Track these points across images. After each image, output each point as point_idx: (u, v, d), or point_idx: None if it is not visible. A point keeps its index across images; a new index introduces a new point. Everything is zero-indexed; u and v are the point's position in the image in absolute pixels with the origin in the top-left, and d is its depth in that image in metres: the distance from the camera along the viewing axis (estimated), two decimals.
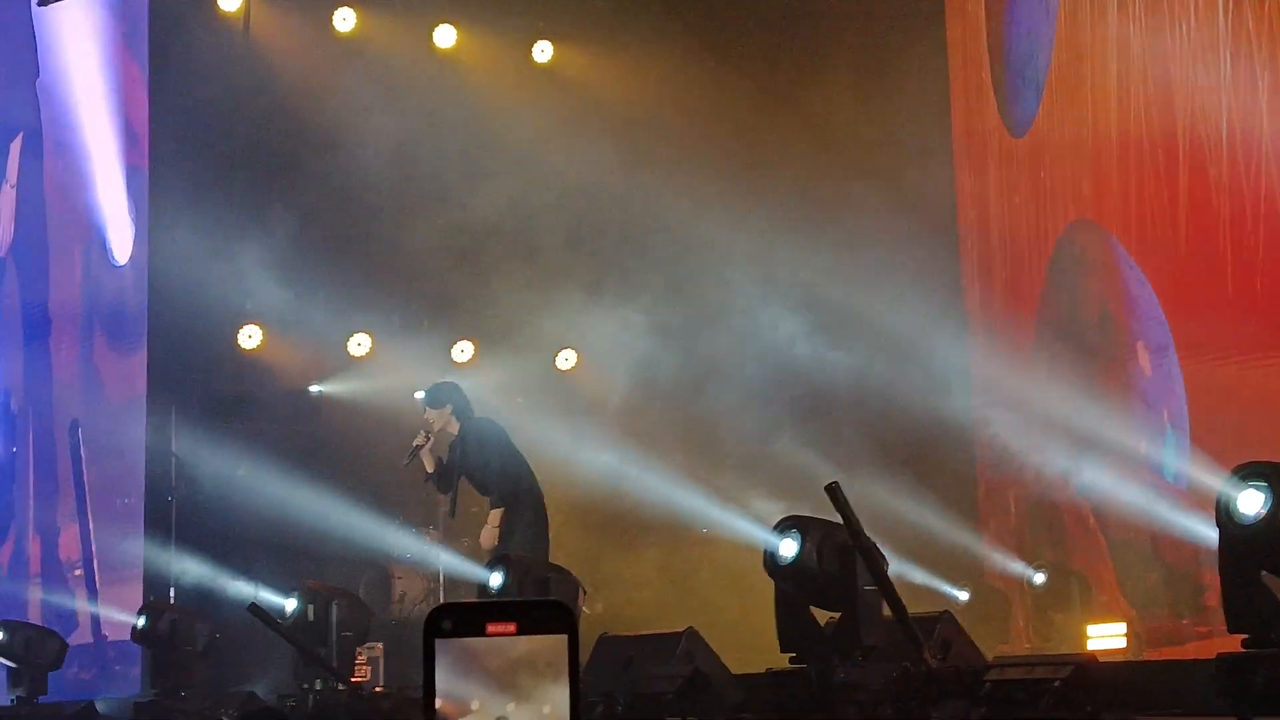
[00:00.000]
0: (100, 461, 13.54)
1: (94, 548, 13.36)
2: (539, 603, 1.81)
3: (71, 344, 14.01)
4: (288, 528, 12.04)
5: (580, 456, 11.85)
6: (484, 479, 10.45)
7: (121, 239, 13.43)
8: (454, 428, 10.49)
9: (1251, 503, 6.05)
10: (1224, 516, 6.15)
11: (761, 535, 7.95)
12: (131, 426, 12.82)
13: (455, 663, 1.80)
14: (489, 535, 10.51)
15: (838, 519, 7.25)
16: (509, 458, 10.46)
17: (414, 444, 10.64)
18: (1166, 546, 10.69)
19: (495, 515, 10.53)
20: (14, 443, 14.37)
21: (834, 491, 7.12)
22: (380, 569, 12.88)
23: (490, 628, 1.82)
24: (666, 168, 12.52)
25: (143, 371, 12.84)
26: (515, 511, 10.42)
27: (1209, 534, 6.37)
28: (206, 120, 12.73)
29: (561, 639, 1.84)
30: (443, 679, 1.80)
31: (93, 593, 13.29)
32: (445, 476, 10.61)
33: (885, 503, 10.82)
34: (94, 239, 13.70)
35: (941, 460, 12.29)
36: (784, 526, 7.68)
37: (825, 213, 12.07)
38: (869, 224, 11.96)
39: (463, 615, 1.82)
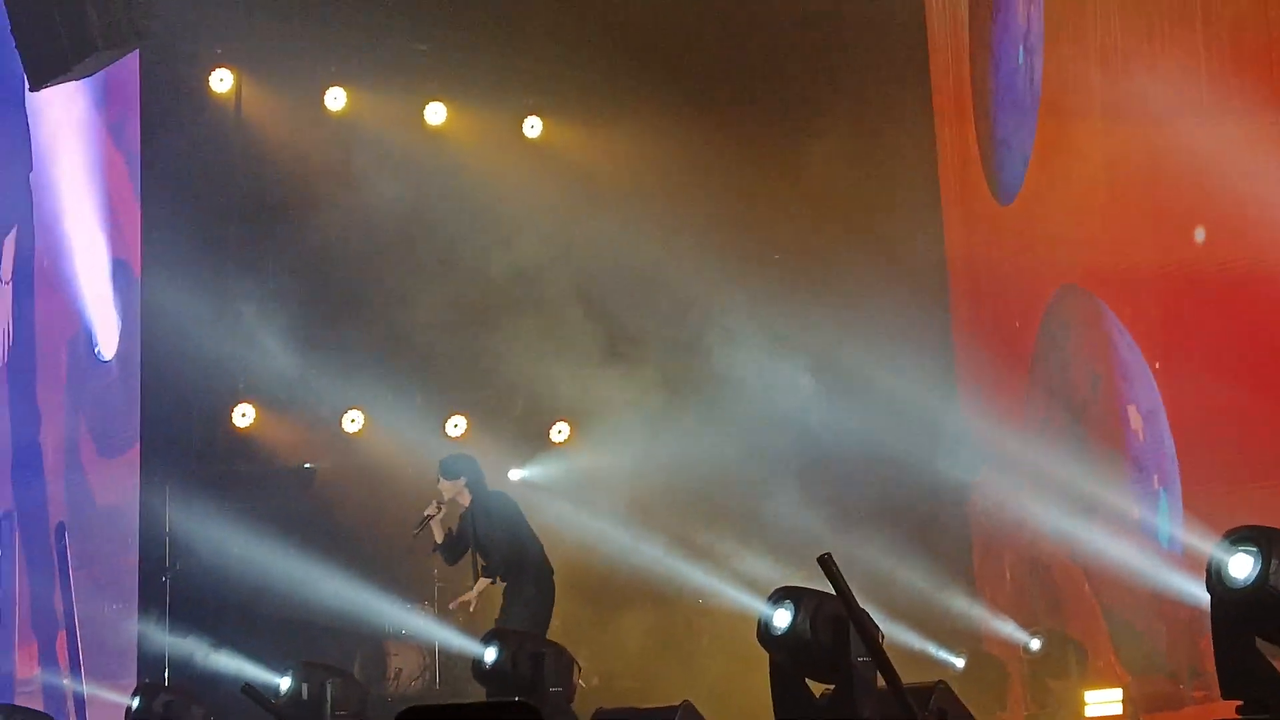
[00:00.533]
0: (89, 566, 13.47)
1: (81, 658, 13.25)
2: (505, 704, 1.82)
3: (58, 443, 13.96)
4: (283, 605, 12.02)
5: (574, 526, 11.85)
6: (490, 551, 10.44)
7: (108, 333, 13.45)
8: (466, 499, 10.52)
9: (1241, 567, 6.06)
10: (1215, 581, 6.16)
11: (757, 605, 7.95)
12: (123, 529, 12.78)
13: None
14: (464, 603, 10.58)
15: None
16: (518, 531, 10.46)
17: (425, 514, 10.66)
18: (1161, 611, 10.69)
19: (480, 584, 10.54)
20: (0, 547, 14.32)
21: (826, 564, 7.12)
22: (375, 645, 12.84)
23: None
24: (661, 236, 12.60)
25: (133, 473, 12.79)
26: (518, 585, 10.41)
27: (1203, 598, 6.38)
28: (198, 202, 12.79)
29: None
30: None
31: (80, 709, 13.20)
32: (454, 548, 10.62)
33: (880, 565, 10.83)
34: (80, 334, 13.70)
35: (937, 523, 12.31)
36: (777, 597, 7.68)
37: (820, 275, 12.16)
38: (863, 286, 12.05)
39: (431, 717, 1.82)
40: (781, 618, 7.53)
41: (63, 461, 13.95)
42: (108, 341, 13.47)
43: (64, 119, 13.80)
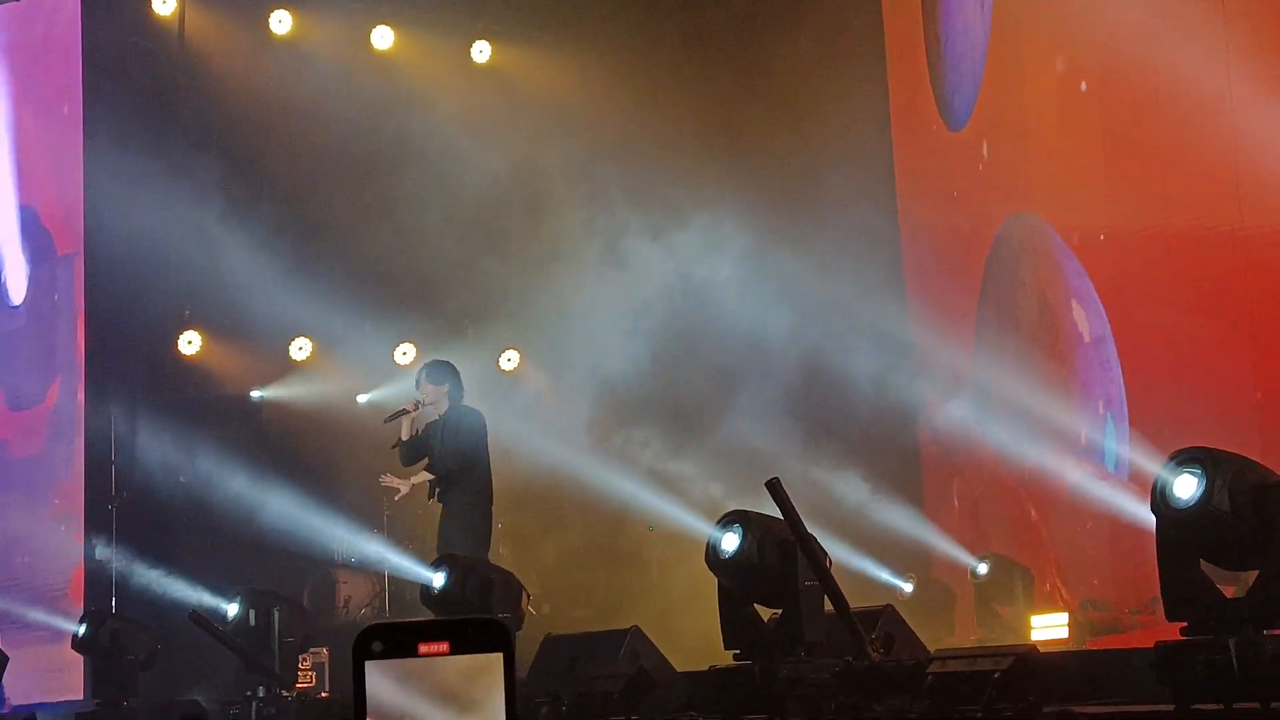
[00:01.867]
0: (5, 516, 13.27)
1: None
2: (473, 621, 1.80)
3: None
4: (230, 533, 11.98)
5: (524, 450, 11.83)
6: (445, 463, 10.35)
7: (16, 279, 13.26)
8: (442, 408, 10.44)
9: (1186, 488, 6.08)
10: (1160, 503, 6.19)
11: (705, 529, 7.96)
12: (37, 486, 12.64)
13: (387, 684, 1.78)
14: (392, 487, 10.58)
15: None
16: (479, 453, 10.42)
17: (402, 406, 10.58)
18: (1107, 535, 10.78)
19: (417, 480, 10.49)
20: None
21: (774, 488, 7.14)
22: (325, 573, 12.83)
23: (423, 648, 1.81)
24: (612, 155, 12.55)
25: (45, 425, 12.66)
26: (460, 506, 10.37)
27: (1150, 521, 6.41)
28: (142, 129, 12.61)
29: (497, 657, 1.82)
30: (374, 701, 1.78)
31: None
32: (415, 449, 10.53)
33: (828, 488, 10.88)
34: None
35: (885, 444, 12.37)
36: (726, 521, 7.70)
37: (773, 193, 12.15)
38: (814, 207, 12.04)
39: (394, 636, 1.80)
40: (729, 541, 7.55)
41: None
42: (16, 288, 13.30)
43: None
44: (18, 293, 13.28)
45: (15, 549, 13.23)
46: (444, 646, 1.82)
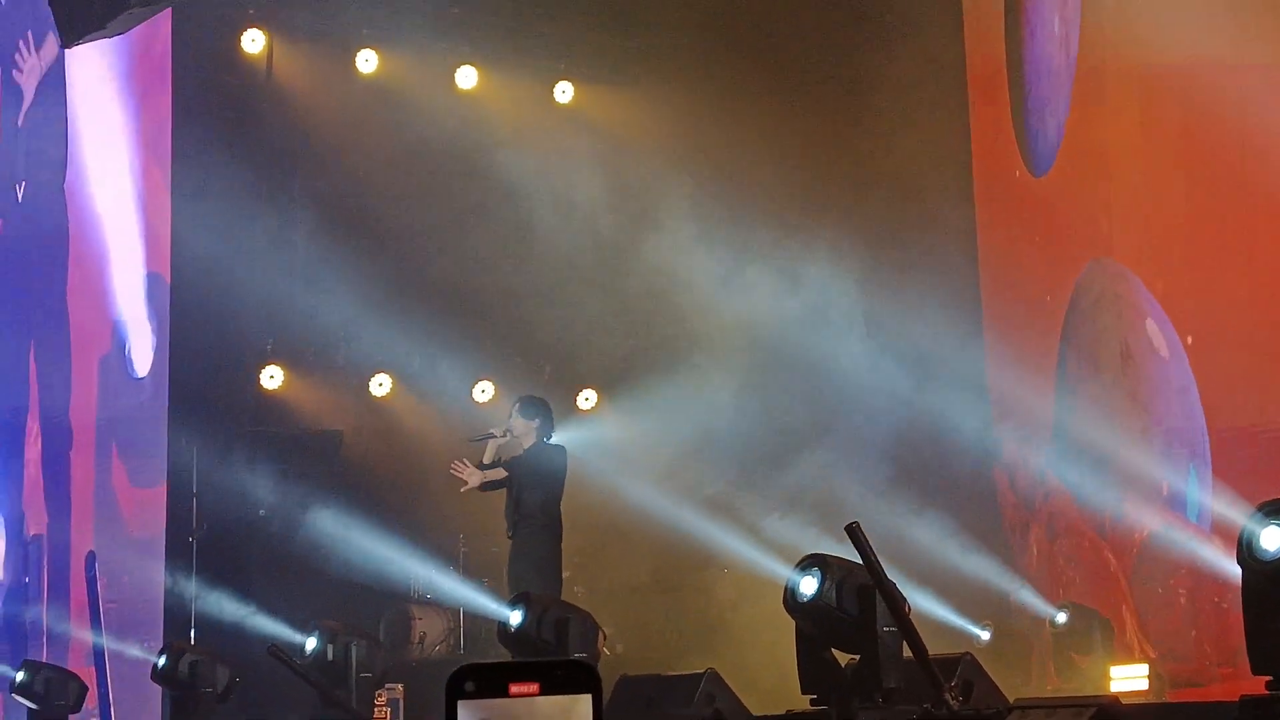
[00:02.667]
0: (118, 597, 13.33)
1: (110, 686, 13.14)
2: (563, 663, 1.81)
3: (87, 464, 13.80)
4: (308, 567, 12.06)
5: (597, 488, 11.85)
6: (525, 500, 10.41)
7: (142, 350, 13.28)
8: (529, 442, 10.53)
9: (1273, 540, 6.02)
10: (1246, 554, 6.12)
11: (783, 571, 7.93)
12: (151, 564, 12.66)
13: None
14: (462, 476, 10.59)
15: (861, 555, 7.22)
16: (557, 492, 10.49)
17: (490, 430, 10.67)
18: (1189, 586, 10.65)
19: (487, 475, 10.51)
20: (27, 571, 14.08)
21: (854, 532, 7.10)
22: (401, 608, 12.88)
23: (513, 688, 1.82)
24: (692, 201, 12.59)
25: (163, 507, 12.68)
26: (532, 542, 10.41)
27: (1233, 572, 6.34)
28: (229, 165, 12.73)
29: (586, 699, 1.83)
30: None
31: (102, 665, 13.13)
32: (494, 479, 10.60)
33: (907, 532, 10.82)
34: (114, 350, 13.54)
35: (964, 490, 12.30)
36: (805, 564, 7.66)
37: (854, 240, 12.14)
38: (896, 252, 12.04)
39: (485, 676, 1.81)
40: (808, 585, 7.51)
41: (93, 479, 13.80)
42: (141, 359, 13.31)
43: (97, 122, 13.63)
44: (143, 364, 13.25)
45: (99, 576, 13.41)
46: (534, 687, 1.83)
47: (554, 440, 10.73)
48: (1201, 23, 10.68)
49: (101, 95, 13.68)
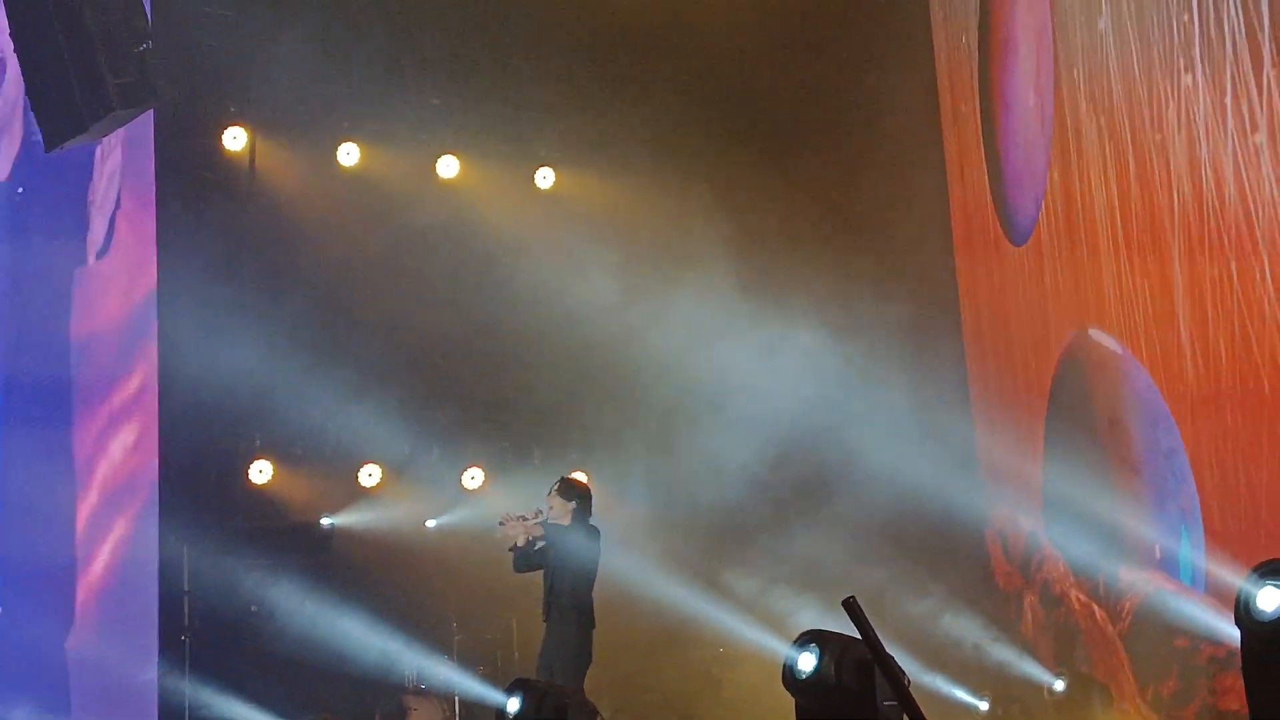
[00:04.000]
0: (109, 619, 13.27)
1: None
2: None
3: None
4: (302, 659, 12.01)
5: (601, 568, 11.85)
6: (560, 584, 10.32)
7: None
8: (565, 522, 10.42)
9: (1270, 600, 6.03)
10: (1244, 615, 6.13)
11: (780, 648, 7.92)
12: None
13: None
14: (511, 521, 10.40)
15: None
16: (591, 576, 10.39)
17: (521, 514, 10.50)
18: (1186, 649, 10.65)
19: (530, 530, 10.36)
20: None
21: (851, 606, 7.10)
22: (395, 699, 12.81)
23: None
24: (673, 279, 12.67)
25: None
26: (566, 630, 10.31)
27: (1230, 634, 6.35)
28: (213, 260, 12.80)
29: None
30: None
31: None
32: (529, 559, 10.51)
33: (899, 603, 10.82)
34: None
35: (956, 557, 12.31)
36: (802, 641, 7.65)
37: (836, 309, 12.22)
38: (878, 323, 12.11)
39: None
40: (806, 661, 7.49)
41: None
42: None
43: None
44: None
45: (90, 675, 13.32)
46: None
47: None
48: (1173, 85, 10.82)
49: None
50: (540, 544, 10.40)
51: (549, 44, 13.76)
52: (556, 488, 10.56)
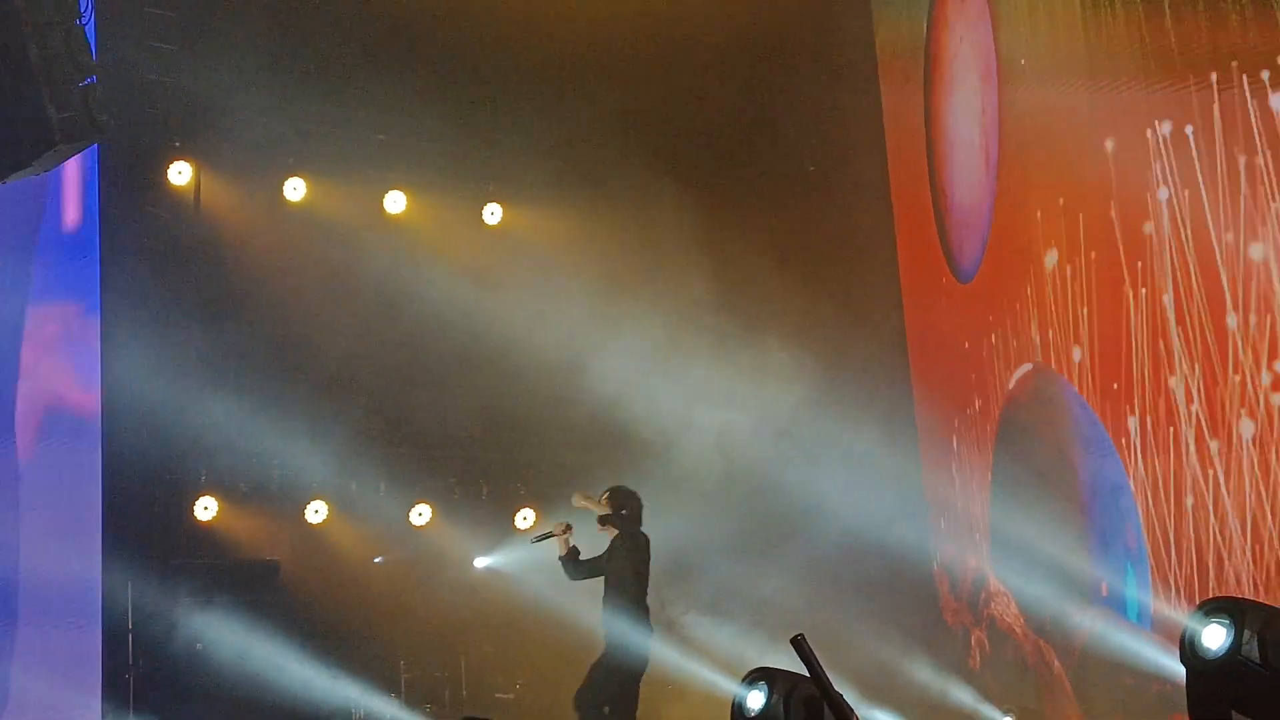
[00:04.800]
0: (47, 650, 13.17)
1: None
2: None
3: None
4: (247, 699, 11.89)
5: (537, 604, 11.81)
6: (623, 590, 10.59)
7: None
8: (613, 532, 10.66)
9: (1214, 638, 6.05)
10: (1189, 653, 6.15)
11: (730, 686, 7.90)
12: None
13: None
14: (586, 503, 10.68)
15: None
16: (646, 574, 10.65)
17: (549, 530, 10.86)
18: (1133, 687, 10.68)
19: (557, 542, 10.61)
20: None
21: (799, 644, 7.09)
22: None
23: None
24: (620, 317, 12.66)
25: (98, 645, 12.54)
26: (625, 635, 10.51)
27: (1175, 671, 6.37)
28: (158, 295, 12.73)
29: None
30: None
31: None
32: (584, 568, 10.88)
33: (850, 640, 10.82)
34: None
35: (904, 595, 12.32)
36: (751, 678, 7.63)
37: (784, 348, 12.24)
38: (827, 360, 12.13)
39: None
40: (755, 699, 7.48)
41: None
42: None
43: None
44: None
45: (32, 713, 13.16)
46: None
47: (489, 564, 10.79)
48: (1120, 124, 10.92)
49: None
50: (576, 551, 10.49)
51: (495, 77, 13.77)
52: (606, 496, 10.77)
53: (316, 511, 13.23)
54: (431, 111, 13.55)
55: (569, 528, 10.81)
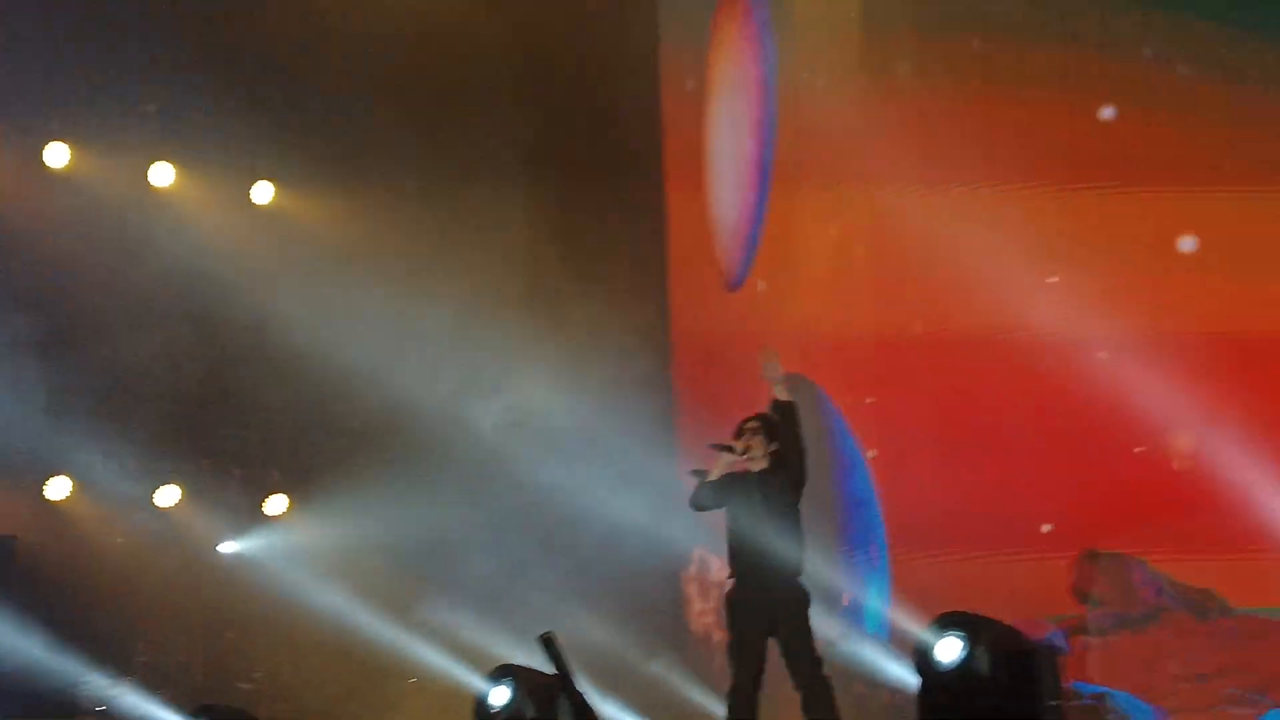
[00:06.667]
0: None
1: None
2: None
3: None
4: None
5: (288, 599, 11.65)
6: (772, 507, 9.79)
7: None
8: (759, 466, 9.68)
9: (949, 650, 6.20)
10: (923, 664, 6.29)
11: (473, 681, 7.89)
12: None
13: None
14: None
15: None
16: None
17: (729, 443, 9.65)
18: (863, 695, 10.90)
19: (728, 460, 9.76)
20: None
21: (547, 642, 7.09)
22: None
23: None
24: (388, 301, 12.56)
25: None
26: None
27: (910, 681, 6.53)
28: None
29: None
30: None
31: None
32: (717, 494, 9.71)
33: (598, 640, 10.88)
34: None
35: (654, 597, 12.44)
36: (496, 675, 7.60)
37: (545, 340, 12.26)
38: (589, 356, 12.18)
39: None
40: (499, 696, 7.45)
41: None
42: None
43: None
44: None
45: None
46: None
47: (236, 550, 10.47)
48: (891, 143, 11.15)
49: None
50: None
51: (274, 55, 13.53)
52: (760, 429, 9.79)
53: (56, 488, 12.87)
54: (204, 85, 13.26)
55: (746, 452, 9.54)
